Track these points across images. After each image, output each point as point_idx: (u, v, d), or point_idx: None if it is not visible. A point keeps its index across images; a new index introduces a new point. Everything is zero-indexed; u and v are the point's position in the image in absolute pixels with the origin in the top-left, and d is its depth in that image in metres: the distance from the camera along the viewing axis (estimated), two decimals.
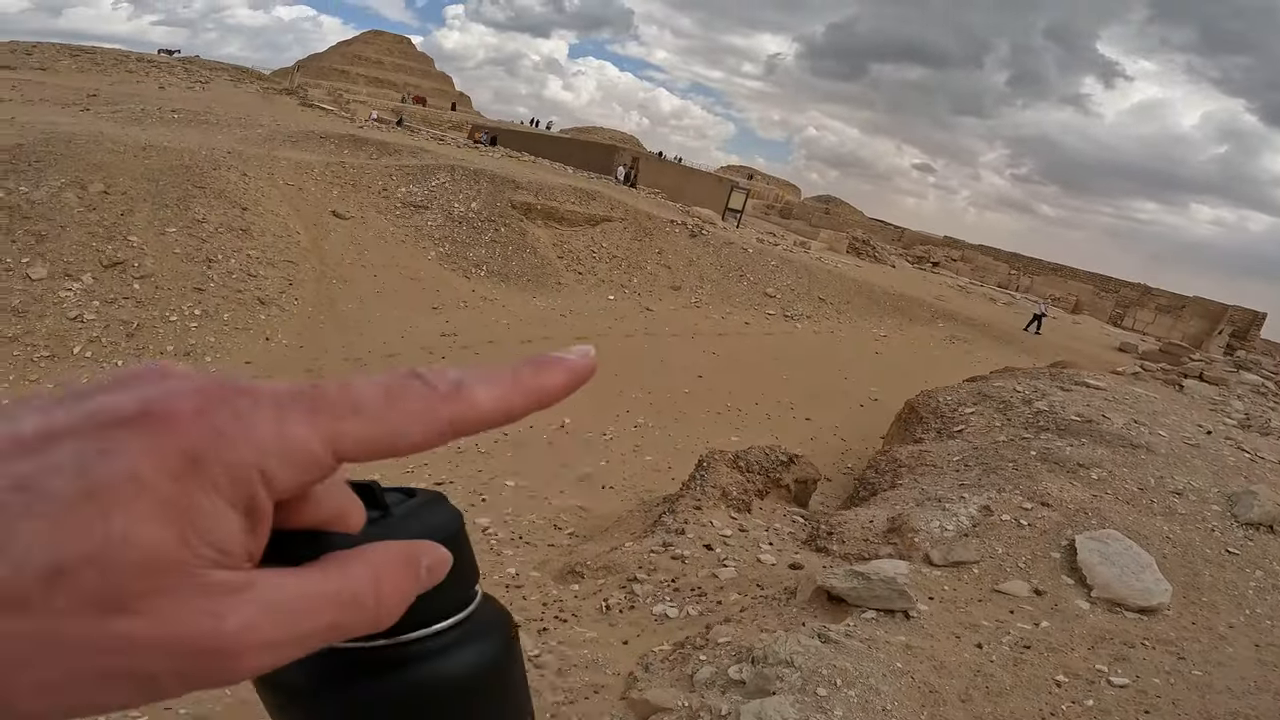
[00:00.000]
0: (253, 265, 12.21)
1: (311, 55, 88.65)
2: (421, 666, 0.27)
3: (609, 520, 6.97)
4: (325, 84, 55.02)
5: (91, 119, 16.83)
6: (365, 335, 12.11)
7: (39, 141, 12.43)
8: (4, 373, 9.03)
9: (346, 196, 15.81)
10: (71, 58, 30.90)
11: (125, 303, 10.46)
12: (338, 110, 29.18)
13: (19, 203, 10.94)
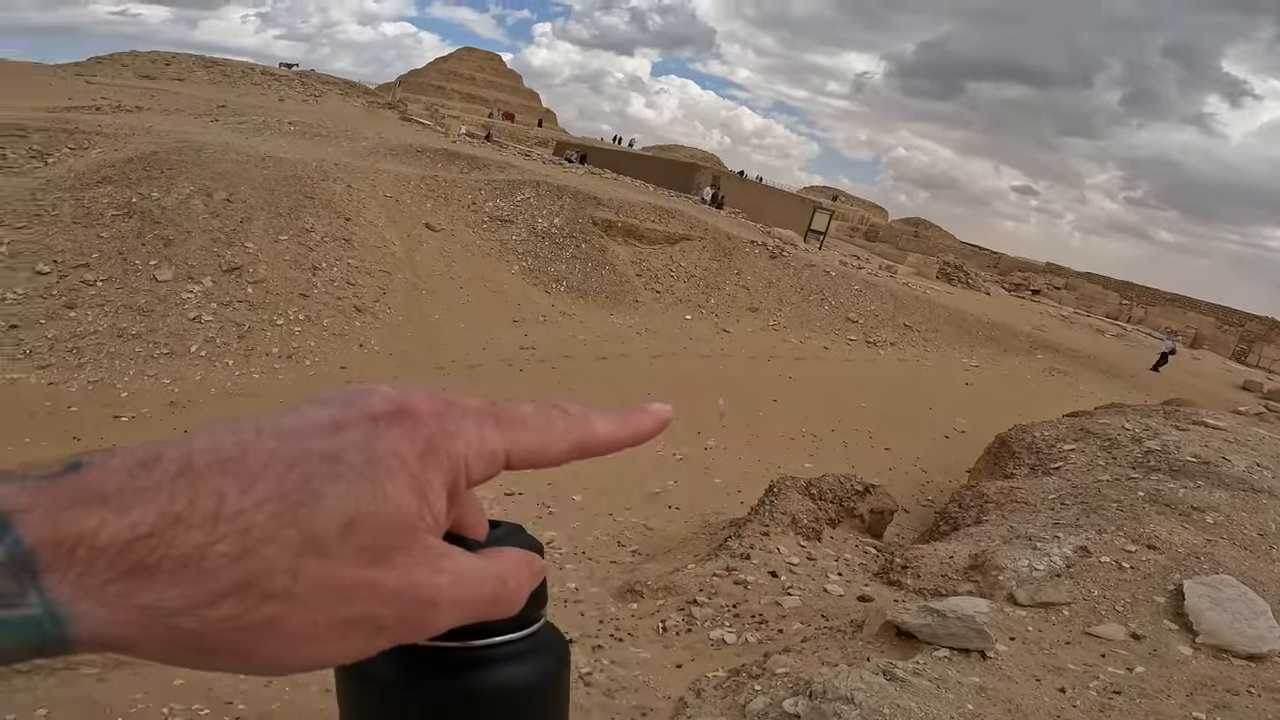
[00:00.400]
0: (352, 274, 13.16)
1: (412, 71, 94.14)
2: (489, 671, 0.31)
3: (673, 541, 7.06)
4: (423, 99, 58.38)
5: (219, 129, 18.62)
6: (450, 345, 12.78)
7: (172, 150, 13.91)
8: (125, 367, 10.09)
9: (439, 209, 16.76)
10: (205, 69, 33.93)
11: (240, 306, 11.51)
12: (433, 125, 30.89)
13: (151, 208, 12.27)
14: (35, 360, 9.66)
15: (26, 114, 16.63)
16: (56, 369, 9.64)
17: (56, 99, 21.44)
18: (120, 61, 33.49)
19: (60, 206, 11.91)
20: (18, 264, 10.77)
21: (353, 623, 0.23)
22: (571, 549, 6.68)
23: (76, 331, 10.13)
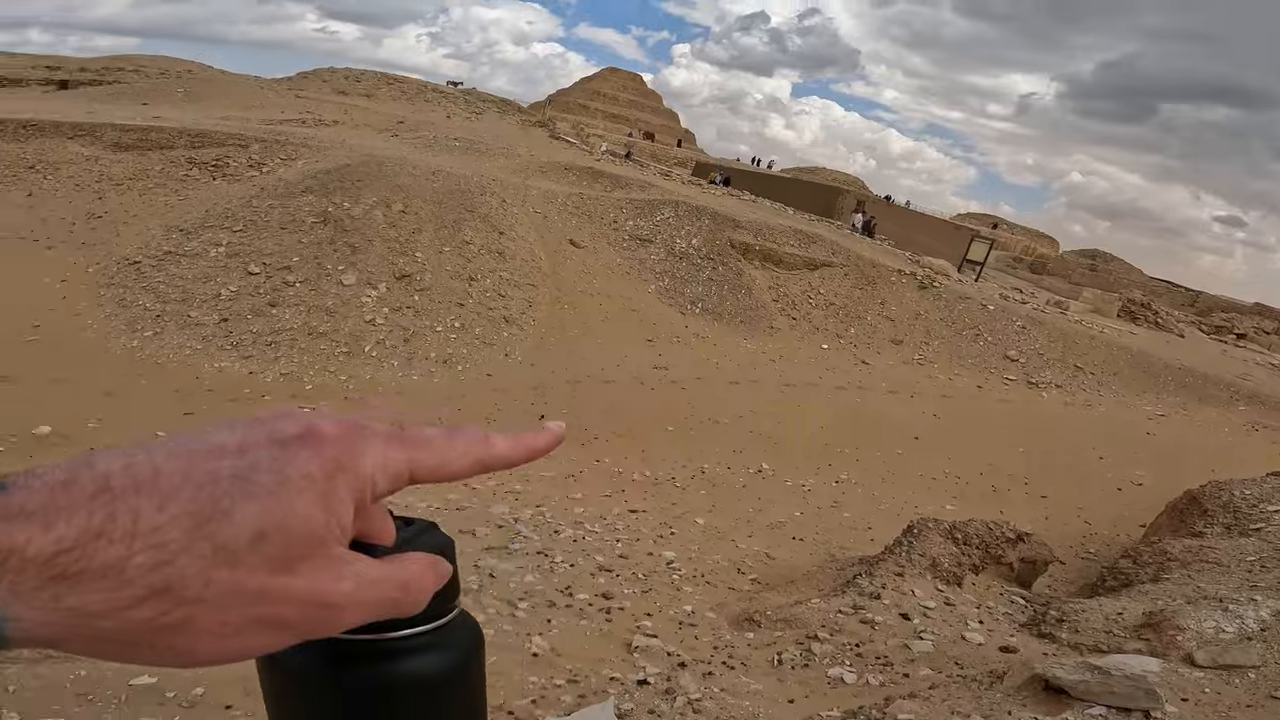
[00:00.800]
0: (503, 286, 14.28)
1: (559, 90, 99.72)
2: (402, 661, 0.34)
3: (796, 572, 6.98)
4: (570, 118, 61.71)
5: (398, 144, 20.89)
6: (586, 360, 13.45)
7: (360, 163, 15.85)
8: (311, 362, 11.57)
9: (582, 226, 17.73)
10: (387, 86, 37.11)
11: (407, 311, 12.88)
12: (579, 143, 32.61)
13: (342, 217, 14.06)
14: (240, 351, 11.38)
15: (248, 125, 19.66)
16: (256, 360, 11.29)
17: (271, 111, 24.99)
18: (321, 77, 37.97)
19: (270, 213, 13.98)
20: (233, 264, 12.79)
21: (262, 622, 0.27)
22: (690, 571, 6.72)
23: (275, 328, 11.83)
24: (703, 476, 10.06)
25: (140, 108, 22.80)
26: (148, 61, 37.71)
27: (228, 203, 14.32)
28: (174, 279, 12.14)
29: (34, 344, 10.15)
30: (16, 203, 14.00)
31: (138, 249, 12.79)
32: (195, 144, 16.77)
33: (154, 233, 13.32)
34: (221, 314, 11.74)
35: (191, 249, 12.83)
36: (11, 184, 14.49)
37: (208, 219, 13.67)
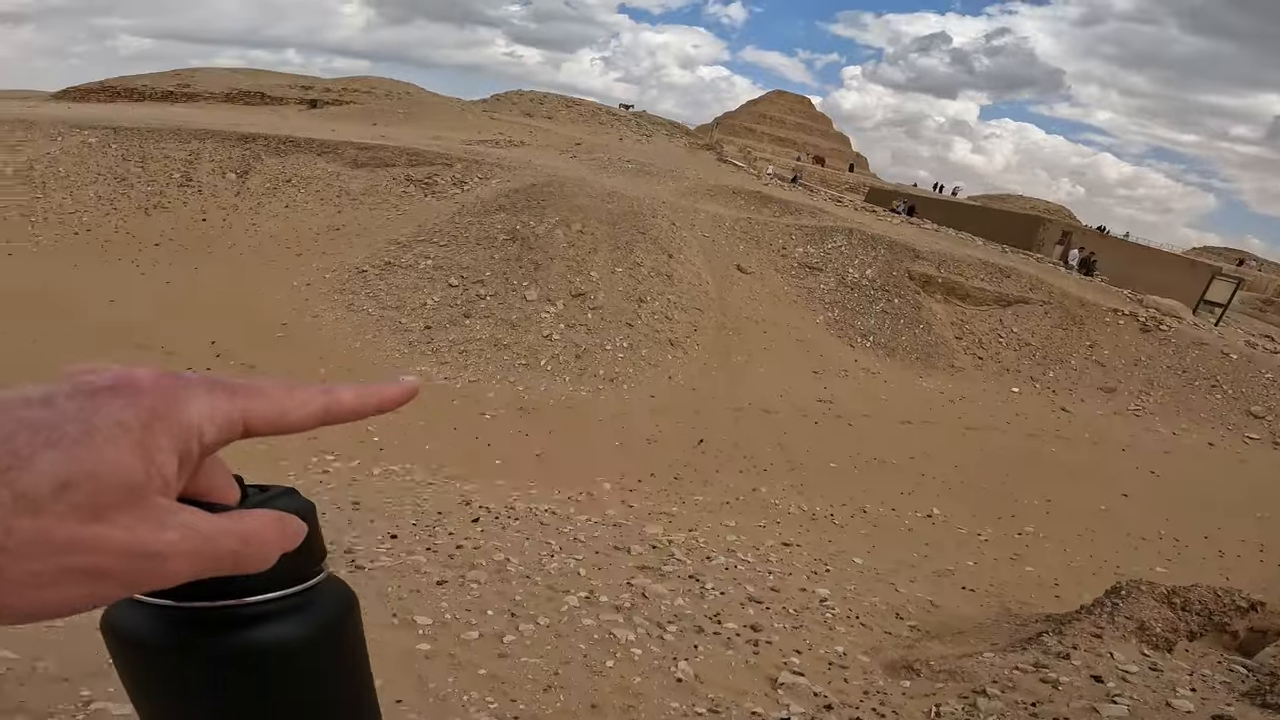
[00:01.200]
0: (671, 309, 14.81)
1: (726, 113, 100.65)
2: (261, 627, 0.34)
3: (964, 623, 6.54)
4: (736, 141, 62.09)
5: (577, 165, 22.36)
6: (747, 388, 13.52)
7: (544, 184, 17.24)
8: (493, 372, 12.71)
9: (750, 252, 17.87)
10: (567, 109, 39.56)
11: (580, 329, 13.80)
12: (747, 167, 32.74)
13: (528, 235, 15.39)
14: (438, 357, 12.83)
15: (452, 146, 22.13)
16: (450, 366, 12.66)
17: (470, 132, 27.75)
18: (510, 100, 41.30)
19: (469, 229, 15.68)
20: (437, 276, 14.50)
21: (78, 572, 0.26)
22: (844, 611, 6.53)
23: (468, 338, 13.22)
24: (864, 516, 9.72)
25: (370, 127, 26.54)
26: (376, 83, 43.31)
27: (436, 218, 16.27)
28: (392, 288, 14.03)
29: (281, 340, 12.23)
30: (275, 213, 16.93)
31: (365, 259, 14.95)
32: (412, 162, 19.23)
33: (378, 244, 15.48)
34: (426, 322, 13.35)
35: (406, 261, 14.76)
36: (272, 195, 17.52)
37: (420, 233, 15.63)
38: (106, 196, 16.08)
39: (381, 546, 5.64)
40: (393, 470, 8.70)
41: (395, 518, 6.48)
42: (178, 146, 17.87)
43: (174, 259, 14.65)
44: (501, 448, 10.44)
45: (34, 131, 17.50)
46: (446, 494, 7.80)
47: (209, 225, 15.99)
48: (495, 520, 6.89)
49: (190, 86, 36.20)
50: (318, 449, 9.13)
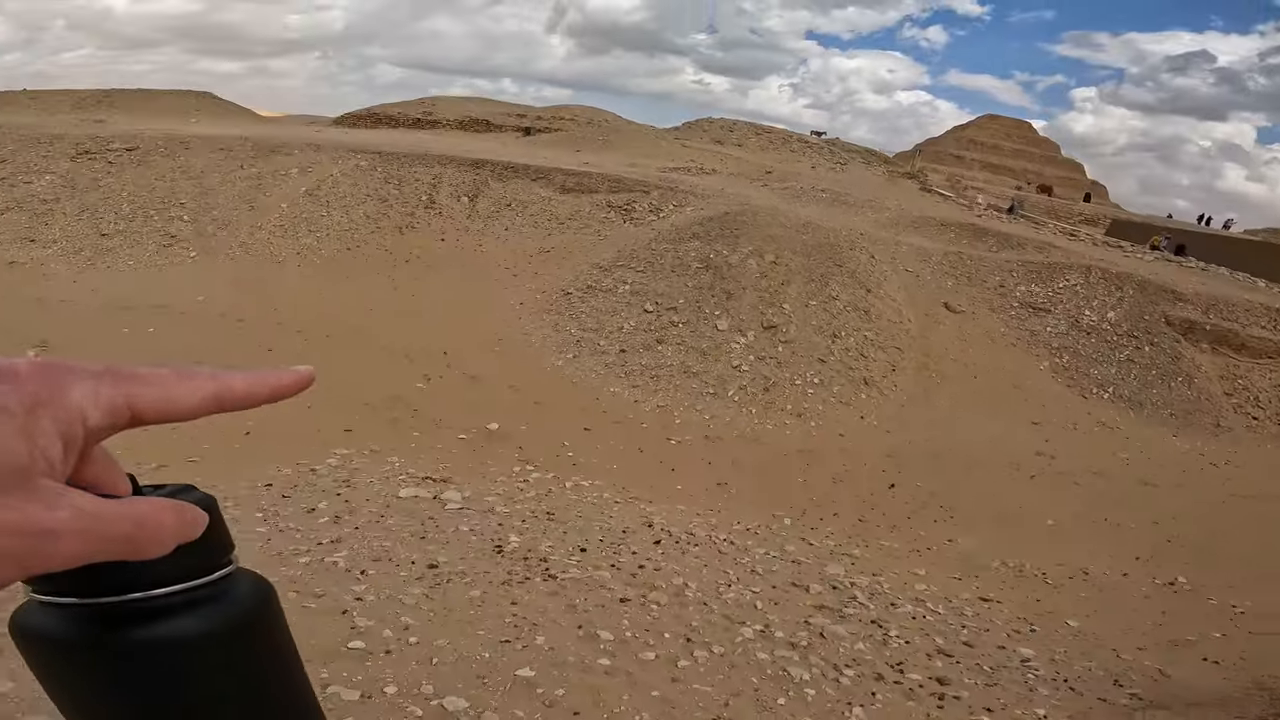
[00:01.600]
0: (866, 346, 14.16)
1: (929, 139, 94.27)
2: (167, 620, 0.34)
3: (1200, 695, 5.64)
4: (942, 169, 57.87)
5: (768, 194, 22.25)
6: (950, 434, 12.51)
7: (738, 212, 17.30)
8: (682, 399, 12.90)
9: (960, 289, 16.56)
10: (756, 136, 39.37)
11: (770, 362, 13.65)
12: (955, 196, 30.42)
13: (721, 264, 15.53)
14: (630, 380, 13.35)
15: (648, 173, 23.01)
16: (641, 390, 13.12)
17: (664, 159, 28.72)
18: (701, 127, 42.15)
19: (664, 256, 16.18)
20: (634, 301, 15.12)
21: None
22: (1050, 674, 5.92)
23: (659, 363, 13.63)
24: (1085, 579, 8.65)
25: (575, 154, 28.42)
26: (579, 111, 46.37)
27: (634, 244, 17.02)
28: (592, 310, 14.89)
29: (497, 353, 13.47)
30: (497, 235, 18.70)
31: (570, 281, 16.01)
32: (613, 189, 20.29)
33: (582, 268, 16.52)
34: (621, 345, 13.98)
35: (606, 285, 15.58)
36: (496, 218, 19.38)
37: (619, 258, 16.44)
38: (372, 216, 18.77)
39: (572, 559, 5.94)
40: (583, 485, 9.17)
41: (585, 532, 6.79)
42: (424, 171, 20.40)
43: (419, 275, 16.73)
44: (685, 473, 10.62)
45: (321, 154, 20.90)
46: (631, 514, 8.05)
47: (446, 245, 18.07)
48: (676, 544, 6.99)
49: (432, 114, 41.24)
50: (520, 459, 9.90)
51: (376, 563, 5.06)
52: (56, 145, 21.42)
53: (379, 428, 10.03)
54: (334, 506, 6.38)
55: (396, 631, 3.95)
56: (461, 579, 5.01)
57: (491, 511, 6.89)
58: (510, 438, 10.63)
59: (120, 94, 42.21)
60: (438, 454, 9.40)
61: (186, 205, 18.30)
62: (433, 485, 7.51)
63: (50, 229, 17.42)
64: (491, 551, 5.71)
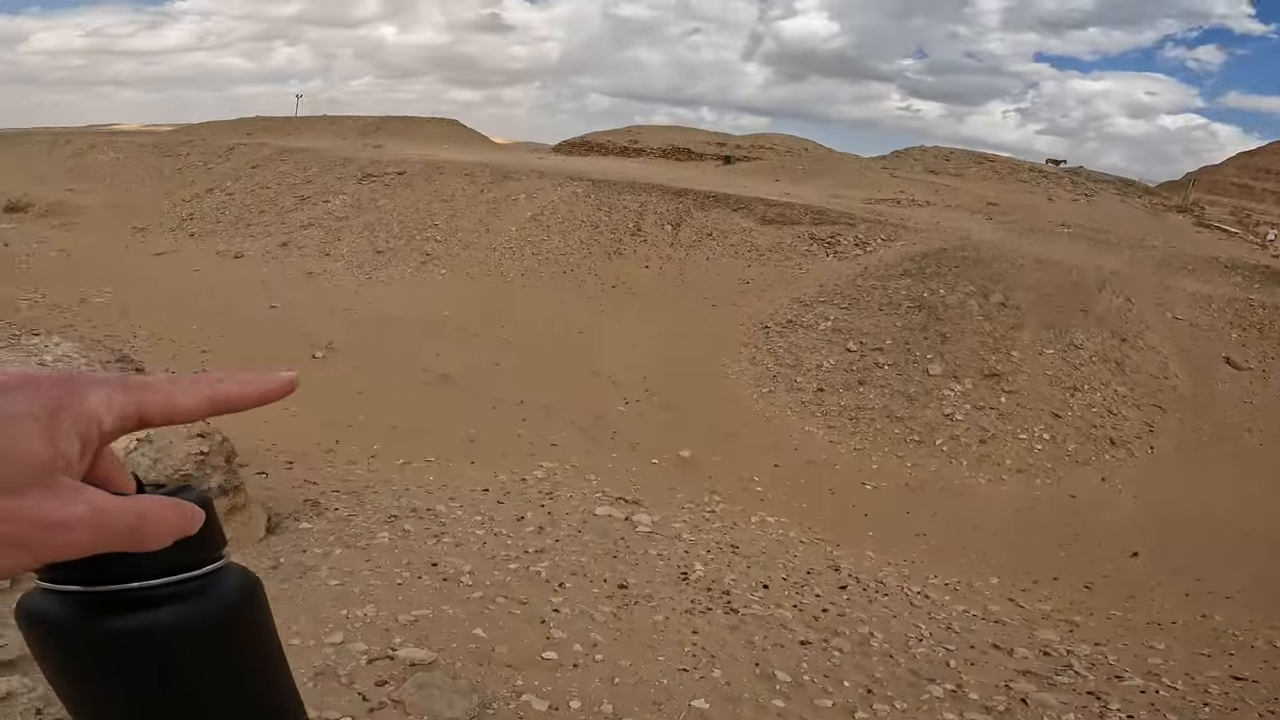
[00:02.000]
0: (1117, 403, 12.29)
1: (1203, 168, 79.55)
2: (160, 609, 0.36)
3: None
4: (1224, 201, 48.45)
5: (992, 228, 20.33)
6: (1216, 502, 10.43)
7: (956, 248, 16.00)
8: (881, 443, 12.10)
9: (1249, 343, 13.79)
10: (976, 165, 36.60)
11: (990, 412, 12.39)
12: (1242, 233, 25.39)
13: (936, 304, 14.45)
14: (826, 420, 12.88)
15: (853, 204, 22.16)
16: (837, 431, 12.59)
17: (869, 190, 27.55)
18: (912, 156, 39.82)
19: (871, 294, 15.46)
20: (835, 339, 14.61)
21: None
22: None
23: (859, 405, 13.00)
24: None
25: (774, 184, 28.29)
26: (778, 140, 46.08)
27: (837, 279, 16.49)
28: (790, 346, 14.66)
29: (694, 383, 13.76)
30: (698, 264, 19.19)
31: (769, 315, 15.94)
32: (815, 220, 19.85)
33: (781, 301, 16.37)
34: (819, 384, 13.57)
35: (807, 320, 15.26)
36: (697, 248, 19.89)
37: (821, 294, 16.03)
38: (585, 241, 20.31)
39: (754, 594, 5.88)
40: (769, 522, 9.03)
41: (768, 569, 6.69)
42: (632, 199, 21.63)
43: (624, 301, 17.75)
44: (878, 520, 10.04)
45: (544, 181, 23.11)
46: (816, 555, 7.80)
47: (650, 272, 18.97)
48: (863, 591, 6.69)
49: (638, 142, 43.67)
50: (709, 490, 9.98)
51: (573, 576, 5.41)
52: (347, 168, 26.10)
53: (581, 445, 10.73)
54: (538, 517, 6.95)
55: (585, 647, 4.20)
56: (648, 602, 5.18)
57: (678, 538, 7.04)
58: (701, 467, 10.78)
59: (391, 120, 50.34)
60: (632, 476, 9.81)
61: (439, 227, 21.24)
62: (625, 506, 7.87)
63: (340, 244, 21.17)
64: (677, 578, 5.84)
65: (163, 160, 35.20)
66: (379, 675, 3.33)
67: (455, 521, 6.46)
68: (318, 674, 3.26)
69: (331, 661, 3.39)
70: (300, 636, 3.56)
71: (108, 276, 16.65)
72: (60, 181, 35.84)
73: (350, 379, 12.18)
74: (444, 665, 3.59)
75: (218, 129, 52.89)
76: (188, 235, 23.79)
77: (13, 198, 30.22)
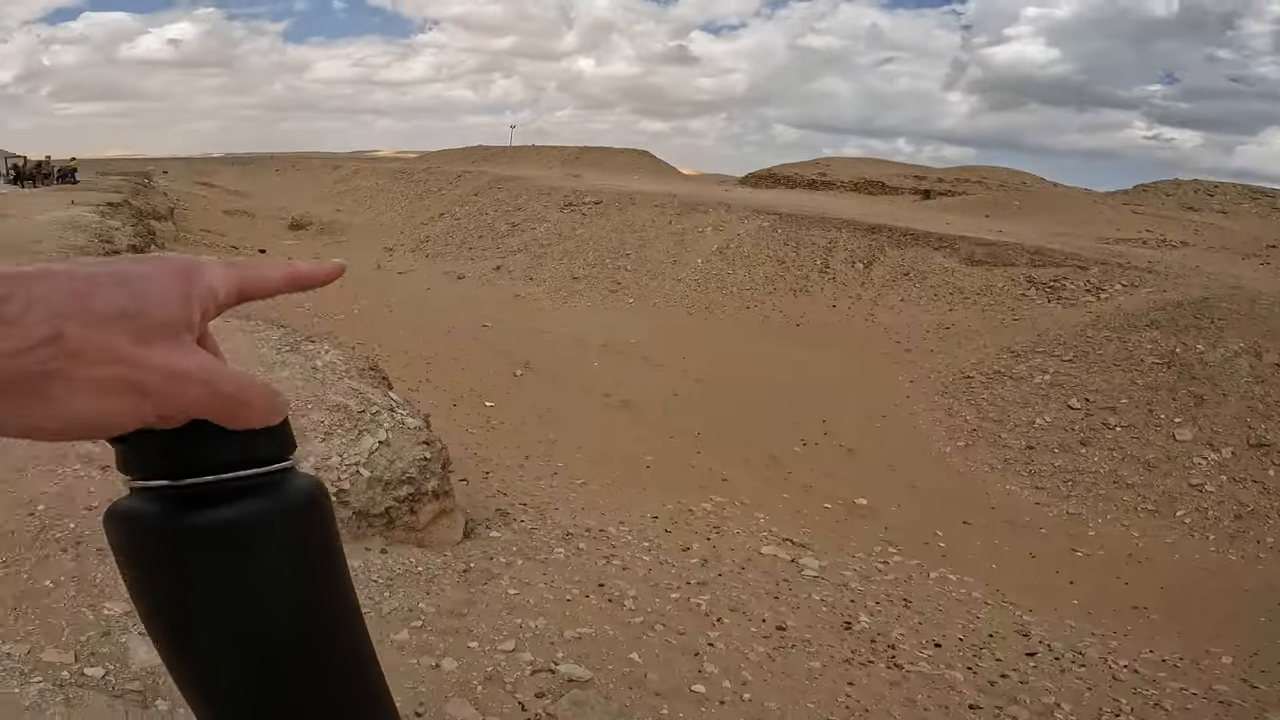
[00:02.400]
0: None
1: None
2: (241, 501, 0.38)
3: None
4: None
5: (1271, 275, 16.92)
6: None
7: (1220, 297, 13.54)
8: (1103, 510, 10.49)
9: None
10: (1251, 201, 31.43)
11: (1251, 486, 10.28)
12: None
13: (1192, 361, 12.33)
14: (1035, 480, 11.47)
15: (1083, 244, 19.61)
16: (1047, 493, 11.17)
17: (1104, 228, 24.23)
18: (1163, 190, 34.45)
19: (1104, 346, 13.58)
20: (1053, 394, 13.02)
21: (125, 383, 0.34)
22: None
23: (1079, 467, 11.43)
24: None
25: (984, 220, 25.97)
26: (987, 173, 42.24)
27: (1060, 329, 14.71)
28: (996, 399, 13.33)
29: (878, 430, 13.03)
30: (891, 305, 18.14)
31: (973, 364, 14.64)
32: (1035, 262, 17.88)
33: (988, 350, 14.96)
34: (1029, 441, 12.16)
35: (1018, 372, 13.79)
36: (891, 288, 18.79)
37: (1039, 343, 14.40)
38: (770, 277, 20.19)
39: (923, 652, 5.43)
40: (950, 579, 8.26)
41: (943, 627, 6.15)
42: (821, 234, 21.10)
43: (808, 339, 17.34)
44: (1088, 589, 8.77)
45: (731, 214, 23.33)
46: (1002, 618, 7.02)
47: (837, 312, 18.36)
48: (1055, 660, 5.95)
49: (826, 175, 42.44)
50: (884, 540, 9.36)
51: (732, 613, 5.39)
52: (551, 197, 28.46)
53: (753, 483, 10.61)
54: (703, 549, 7.01)
55: (735, 685, 4.16)
56: (805, 647, 5.00)
57: (846, 586, 6.71)
58: (878, 516, 10.16)
59: (588, 151, 54.04)
60: (802, 518, 9.51)
61: (630, 256, 22.35)
62: (792, 548, 7.66)
63: (543, 270, 23.10)
64: (839, 626, 5.58)
65: (408, 185, 41.08)
66: (539, 687, 3.52)
67: (625, 545, 6.72)
68: (488, 678, 3.49)
69: (501, 667, 3.62)
70: (478, 640, 3.83)
71: (362, 292, 19.72)
72: (332, 202, 43.25)
73: (543, 397, 13.23)
74: (599, 685, 3.73)
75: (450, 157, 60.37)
76: (424, 256, 27.44)
77: (296, 216, 37.08)
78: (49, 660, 2.68)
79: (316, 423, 5.09)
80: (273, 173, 63.92)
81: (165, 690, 2.64)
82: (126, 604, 2.96)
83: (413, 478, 5.33)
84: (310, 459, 4.65)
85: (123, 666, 2.73)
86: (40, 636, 2.80)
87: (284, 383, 5.51)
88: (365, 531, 4.79)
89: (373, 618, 3.73)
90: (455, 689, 3.26)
